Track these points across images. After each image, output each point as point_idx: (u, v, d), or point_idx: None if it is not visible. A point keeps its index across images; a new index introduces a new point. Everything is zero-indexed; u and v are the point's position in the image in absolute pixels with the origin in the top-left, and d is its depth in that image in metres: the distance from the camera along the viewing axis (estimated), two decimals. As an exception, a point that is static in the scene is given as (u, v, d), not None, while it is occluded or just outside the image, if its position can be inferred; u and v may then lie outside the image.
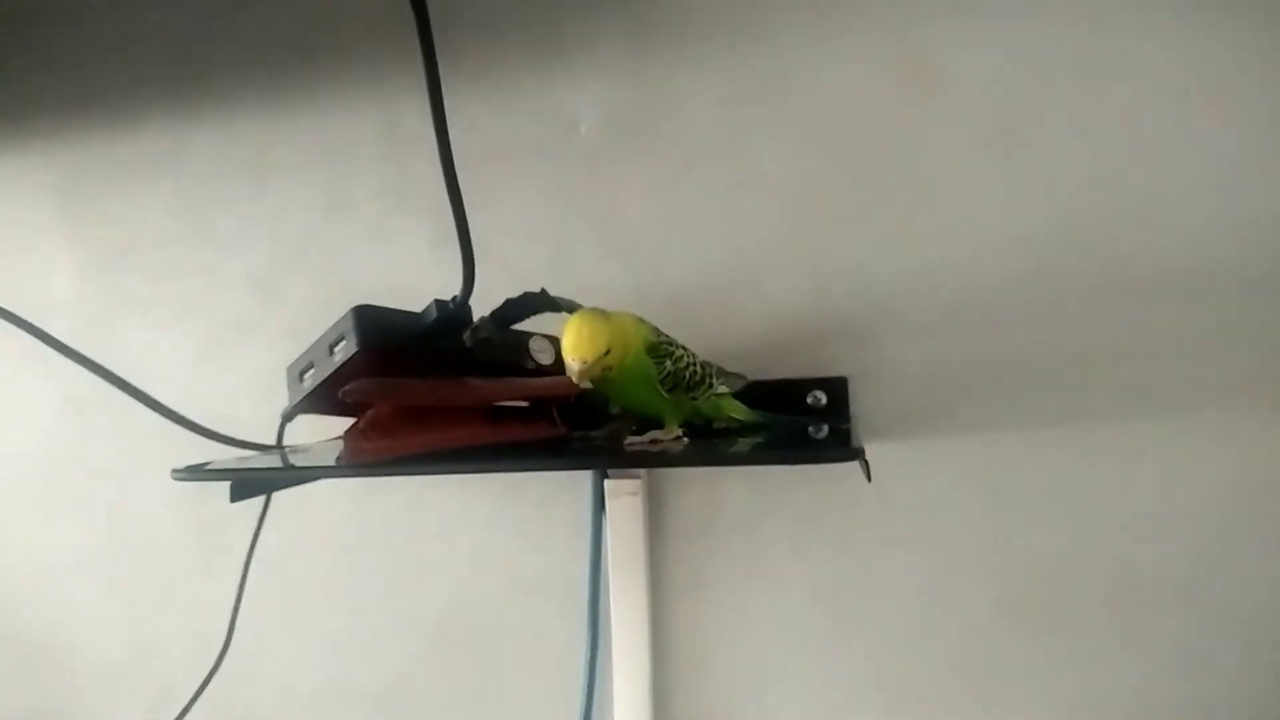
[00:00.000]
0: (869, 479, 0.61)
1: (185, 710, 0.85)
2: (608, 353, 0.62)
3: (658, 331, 0.69)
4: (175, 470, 0.66)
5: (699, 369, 0.69)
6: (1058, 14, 0.79)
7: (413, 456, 0.65)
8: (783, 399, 0.82)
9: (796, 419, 0.78)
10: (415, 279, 0.89)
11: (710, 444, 0.70)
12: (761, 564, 0.86)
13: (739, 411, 0.74)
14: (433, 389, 0.68)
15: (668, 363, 0.67)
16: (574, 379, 0.62)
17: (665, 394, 0.67)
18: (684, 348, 0.69)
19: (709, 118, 0.86)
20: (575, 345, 0.61)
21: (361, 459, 0.66)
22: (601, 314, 0.64)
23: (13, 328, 0.71)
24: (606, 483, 0.84)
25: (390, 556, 0.95)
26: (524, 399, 0.73)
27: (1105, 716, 0.81)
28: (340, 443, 0.71)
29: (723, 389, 0.73)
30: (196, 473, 0.67)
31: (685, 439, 0.69)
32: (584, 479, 0.87)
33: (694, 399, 0.69)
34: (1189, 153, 0.77)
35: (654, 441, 0.68)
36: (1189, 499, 0.79)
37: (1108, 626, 0.81)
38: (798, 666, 0.86)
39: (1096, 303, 0.79)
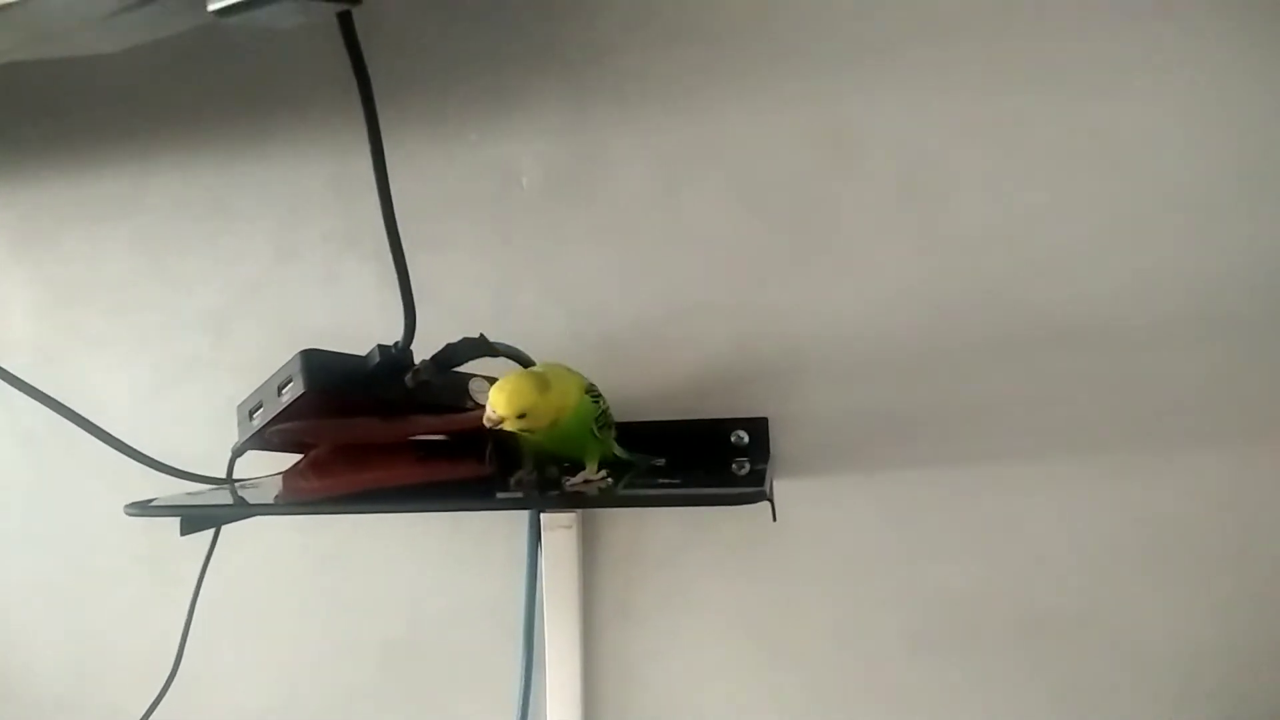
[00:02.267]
0: (774, 518, 0.65)
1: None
2: (522, 416, 0.64)
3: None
4: (128, 506, 0.69)
5: (610, 411, 0.73)
6: (965, 85, 0.83)
7: (347, 496, 0.69)
8: (708, 437, 0.86)
9: (649, 457, 0.81)
10: (362, 322, 0.91)
11: (630, 485, 0.73)
12: (687, 595, 0.89)
13: (621, 451, 0.77)
14: (354, 426, 0.71)
15: (601, 402, 0.70)
16: (487, 424, 0.65)
17: (596, 433, 0.70)
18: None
19: (644, 175, 0.89)
20: (496, 400, 0.64)
21: (298, 498, 0.70)
22: (539, 380, 0.65)
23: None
24: (543, 517, 0.87)
25: (336, 586, 0.97)
26: (445, 432, 0.76)
27: (1010, 744, 0.84)
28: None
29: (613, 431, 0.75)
30: (148, 508, 0.69)
31: (609, 479, 0.71)
32: (521, 513, 0.90)
33: (610, 438, 0.73)
34: (1089, 212, 0.81)
35: (587, 482, 0.70)
36: (1087, 537, 0.82)
37: (1011, 657, 0.83)
38: (720, 692, 0.89)
39: (1001, 352, 0.82)
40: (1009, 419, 0.83)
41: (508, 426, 0.65)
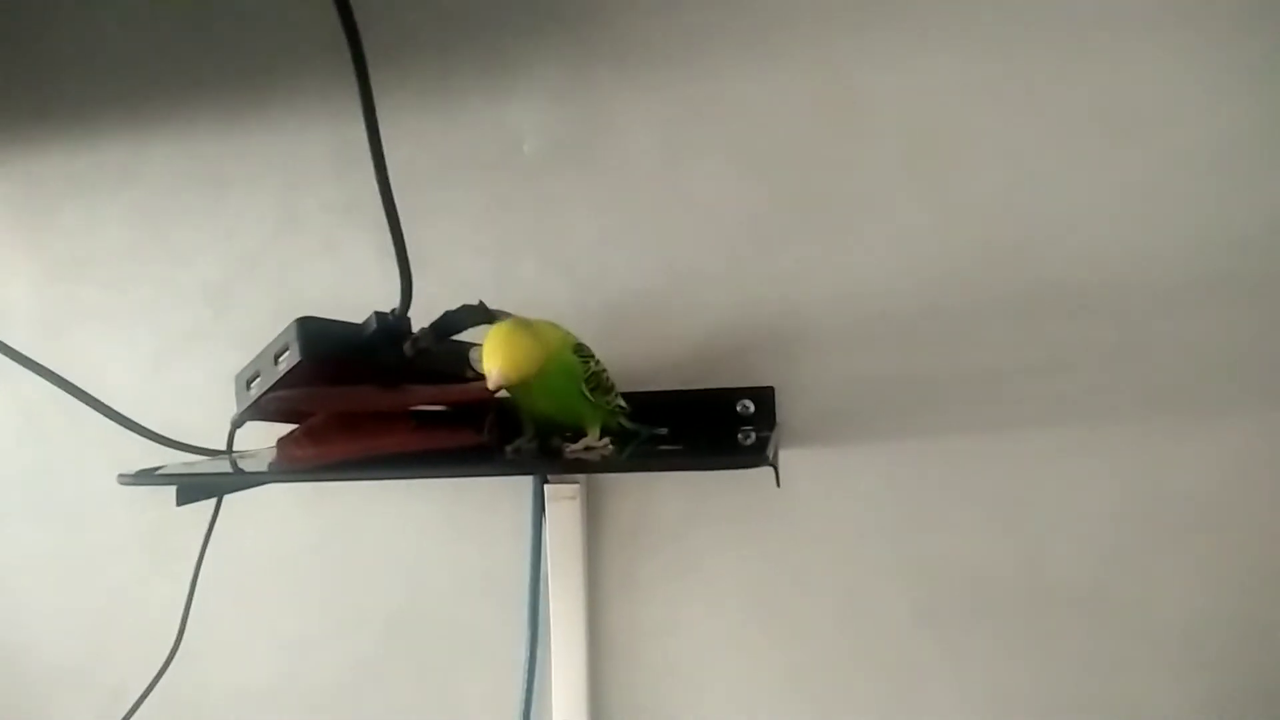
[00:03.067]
0: (778, 484, 0.65)
1: (134, 708, 0.86)
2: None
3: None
4: (122, 475, 0.68)
5: (608, 376, 0.72)
6: (974, 47, 0.82)
7: (342, 462, 0.68)
8: (713, 407, 0.85)
9: (652, 428, 0.79)
10: (363, 291, 0.91)
11: (633, 451, 0.72)
12: (692, 565, 0.89)
13: (626, 421, 0.77)
14: (352, 395, 0.70)
15: (591, 363, 0.69)
16: (491, 386, 0.63)
17: (588, 394, 0.68)
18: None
19: (647, 140, 0.88)
20: (505, 362, 0.62)
21: (292, 465, 0.69)
22: (526, 328, 0.64)
23: (-31, 336, 0.72)
24: (547, 487, 0.87)
25: (339, 558, 0.97)
26: (444, 403, 0.75)
27: (1017, 714, 0.83)
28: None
29: (620, 401, 0.75)
30: (143, 477, 0.68)
31: (611, 447, 0.70)
32: (525, 484, 0.89)
33: (608, 404, 0.72)
34: (1098, 178, 0.80)
35: (588, 449, 0.69)
36: (1096, 506, 0.81)
37: (1019, 627, 0.83)
38: (726, 662, 0.88)
39: (1011, 319, 0.82)
40: (1019, 387, 0.82)
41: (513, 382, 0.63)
